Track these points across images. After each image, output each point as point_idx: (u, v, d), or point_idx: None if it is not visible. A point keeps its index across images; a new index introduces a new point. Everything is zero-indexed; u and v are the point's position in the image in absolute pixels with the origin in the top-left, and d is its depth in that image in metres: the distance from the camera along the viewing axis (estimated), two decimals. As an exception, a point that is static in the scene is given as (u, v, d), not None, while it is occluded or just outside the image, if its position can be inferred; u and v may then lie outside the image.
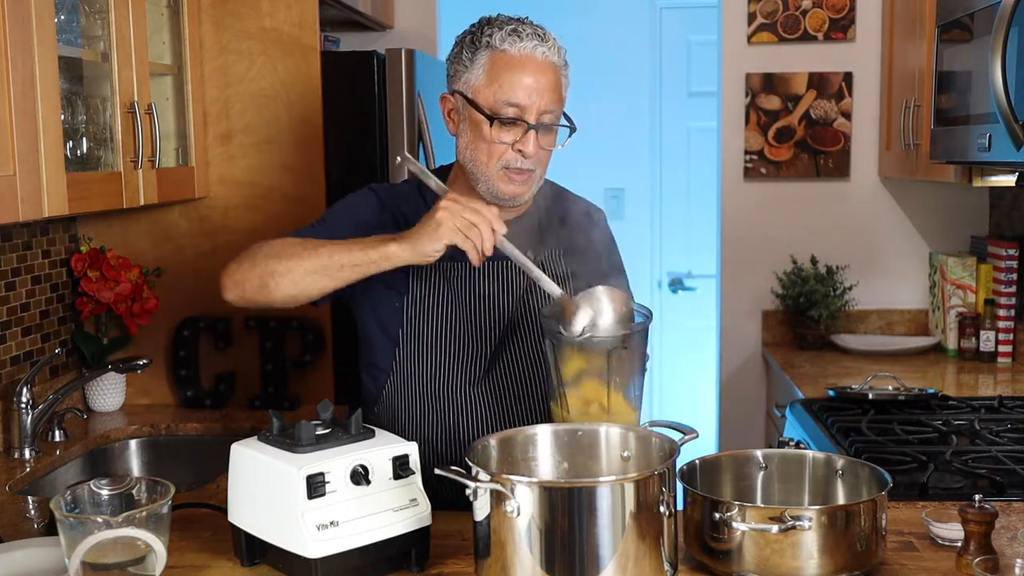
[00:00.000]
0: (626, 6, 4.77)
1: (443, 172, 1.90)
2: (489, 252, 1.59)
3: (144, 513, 1.41)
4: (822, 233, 3.60)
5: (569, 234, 1.87)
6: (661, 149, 4.91)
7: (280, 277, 1.68)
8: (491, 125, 1.72)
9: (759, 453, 1.63)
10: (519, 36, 1.71)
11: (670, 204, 4.95)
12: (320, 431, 1.49)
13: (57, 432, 2.40)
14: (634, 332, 1.60)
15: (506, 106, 1.71)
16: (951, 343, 3.36)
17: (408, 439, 1.73)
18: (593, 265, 1.83)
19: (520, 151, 1.72)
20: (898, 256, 3.60)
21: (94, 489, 1.50)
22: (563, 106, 1.77)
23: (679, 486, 1.48)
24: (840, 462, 1.59)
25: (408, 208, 1.84)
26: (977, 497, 1.46)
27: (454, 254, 1.65)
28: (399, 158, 1.66)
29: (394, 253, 1.61)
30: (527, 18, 1.77)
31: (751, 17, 3.53)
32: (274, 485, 1.44)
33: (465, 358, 1.83)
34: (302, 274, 1.66)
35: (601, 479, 1.46)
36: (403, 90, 2.80)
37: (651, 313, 1.66)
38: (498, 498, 1.32)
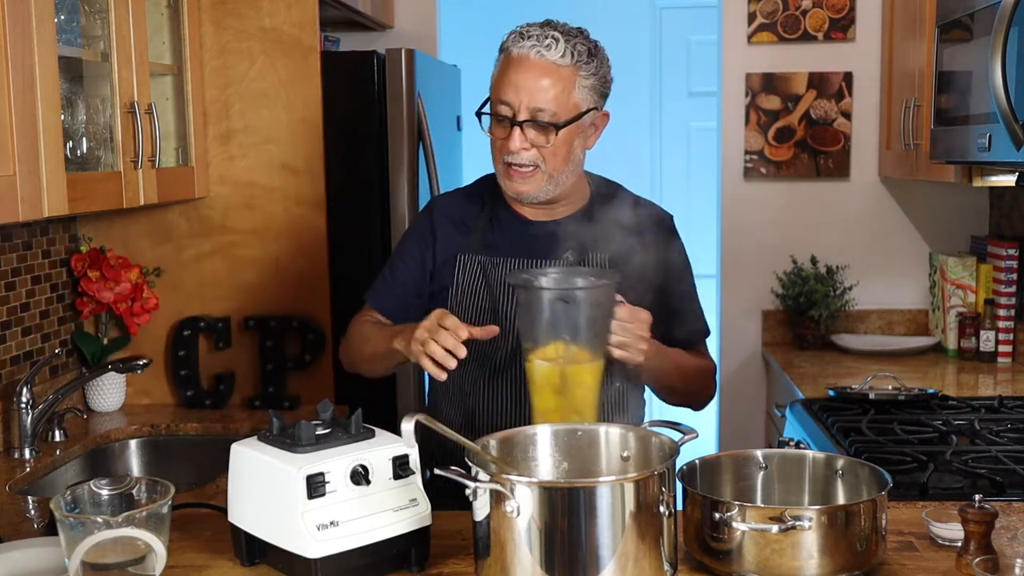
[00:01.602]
0: (626, 6, 4.77)
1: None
2: (450, 365, 1.62)
3: (144, 513, 1.41)
4: (822, 233, 3.60)
5: (623, 241, 1.86)
6: (661, 149, 4.91)
7: (360, 365, 1.96)
8: (482, 120, 1.84)
9: (759, 453, 1.63)
10: (523, 37, 1.78)
11: (670, 204, 4.93)
12: (320, 431, 1.48)
13: (57, 432, 2.40)
14: (577, 288, 1.61)
15: (499, 104, 1.79)
16: (951, 343, 3.36)
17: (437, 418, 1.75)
18: (643, 280, 1.82)
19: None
20: (898, 256, 3.59)
21: (94, 489, 1.50)
22: (571, 105, 1.78)
23: (679, 486, 1.48)
24: (840, 462, 1.59)
25: (464, 213, 1.95)
26: (977, 497, 1.46)
27: (497, 249, 1.86)
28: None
29: (398, 350, 1.75)
30: (554, 21, 1.82)
31: (751, 17, 3.53)
32: (274, 485, 1.44)
33: (489, 349, 1.85)
34: (369, 364, 1.94)
35: (601, 479, 1.46)
36: (403, 90, 2.80)
37: (619, 277, 1.67)
38: (498, 498, 1.32)
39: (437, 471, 1.35)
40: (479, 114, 1.83)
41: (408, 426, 1.32)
